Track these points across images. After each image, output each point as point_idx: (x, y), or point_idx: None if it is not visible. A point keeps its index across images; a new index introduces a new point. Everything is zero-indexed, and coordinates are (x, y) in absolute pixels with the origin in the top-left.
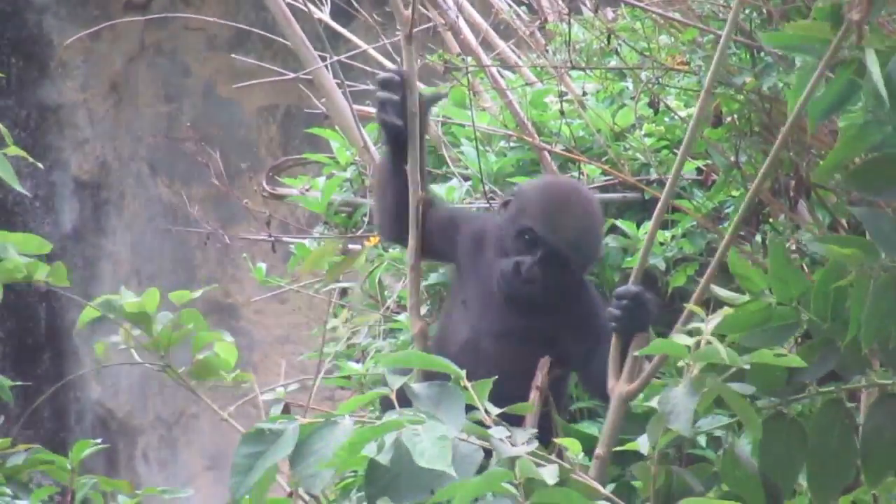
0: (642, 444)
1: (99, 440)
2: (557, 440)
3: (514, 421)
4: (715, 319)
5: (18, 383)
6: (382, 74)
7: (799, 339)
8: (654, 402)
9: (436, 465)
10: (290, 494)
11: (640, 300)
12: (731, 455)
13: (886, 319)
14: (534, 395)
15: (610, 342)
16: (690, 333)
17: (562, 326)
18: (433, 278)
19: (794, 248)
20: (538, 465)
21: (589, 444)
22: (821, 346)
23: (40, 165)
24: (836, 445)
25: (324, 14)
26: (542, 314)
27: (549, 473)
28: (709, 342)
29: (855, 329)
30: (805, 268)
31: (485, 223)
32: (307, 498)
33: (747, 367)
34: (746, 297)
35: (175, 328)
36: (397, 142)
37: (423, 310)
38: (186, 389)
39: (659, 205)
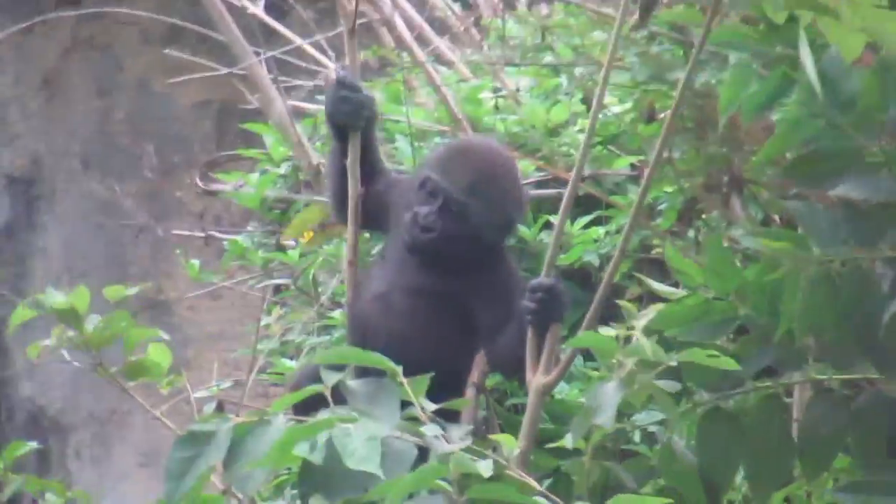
0: (568, 439)
1: (32, 440)
2: (493, 436)
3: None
4: (647, 315)
5: None
6: (342, 72)
7: (732, 336)
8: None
9: (365, 467)
10: (224, 492)
11: (553, 292)
12: (669, 449)
13: (820, 313)
14: (470, 392)
15: (521, 320)
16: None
17: (474, 293)
18: None
19: (727, 243)
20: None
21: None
22: (757, 340)
23: None
24: (774, 441)
25: (258, 9)
26: (454, 276)
27: (485, 467)
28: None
29: (787, 323)
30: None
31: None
32: (241, 497)
33: (674, 363)
34: (683, 292)
35: (107, 327)
36: (345, 136)
37: None
38: (126, 389)
39: (565, 197)
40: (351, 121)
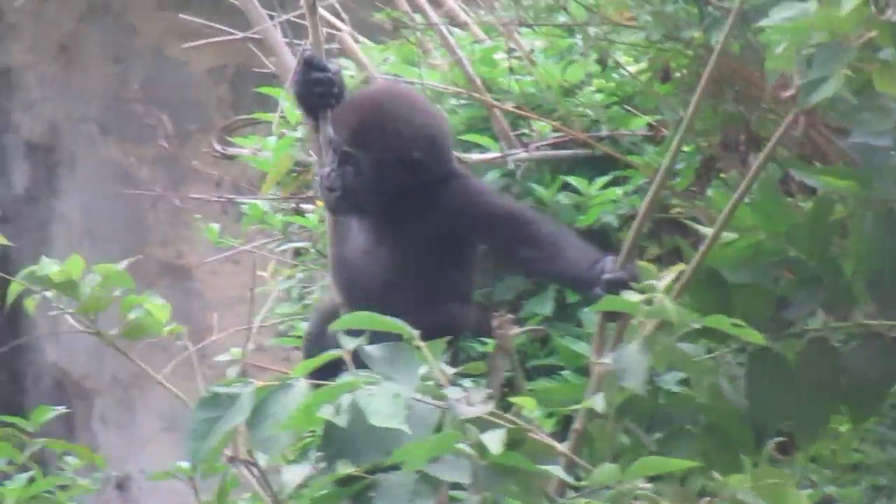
0: (598, 402)
1: (57, 405)
2: (513, 399)
3: None
4: (669, 276)
5: None
6: (308, 52)
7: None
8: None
9: (390, 424)
10: (231, 459)
11: (626, 287)
12: (716, 388)
13: (882, 254)
14: (498, 355)
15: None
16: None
17: (449, 224)
18: None
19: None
20: (495, 425)
21: (546, 402)
22: (806, 282)
23: None
24: (821, 383)
25: None
26: (411, 220)
27: (494, 441)
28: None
29: (853, 264)
30: None
31: None
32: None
33: (697, 326)
34: (734, 235)
35: (102, 294)
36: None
37: None
38: (123, 352)
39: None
40: (323, 101)
